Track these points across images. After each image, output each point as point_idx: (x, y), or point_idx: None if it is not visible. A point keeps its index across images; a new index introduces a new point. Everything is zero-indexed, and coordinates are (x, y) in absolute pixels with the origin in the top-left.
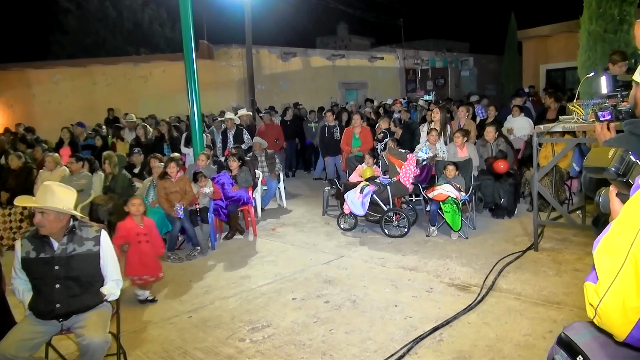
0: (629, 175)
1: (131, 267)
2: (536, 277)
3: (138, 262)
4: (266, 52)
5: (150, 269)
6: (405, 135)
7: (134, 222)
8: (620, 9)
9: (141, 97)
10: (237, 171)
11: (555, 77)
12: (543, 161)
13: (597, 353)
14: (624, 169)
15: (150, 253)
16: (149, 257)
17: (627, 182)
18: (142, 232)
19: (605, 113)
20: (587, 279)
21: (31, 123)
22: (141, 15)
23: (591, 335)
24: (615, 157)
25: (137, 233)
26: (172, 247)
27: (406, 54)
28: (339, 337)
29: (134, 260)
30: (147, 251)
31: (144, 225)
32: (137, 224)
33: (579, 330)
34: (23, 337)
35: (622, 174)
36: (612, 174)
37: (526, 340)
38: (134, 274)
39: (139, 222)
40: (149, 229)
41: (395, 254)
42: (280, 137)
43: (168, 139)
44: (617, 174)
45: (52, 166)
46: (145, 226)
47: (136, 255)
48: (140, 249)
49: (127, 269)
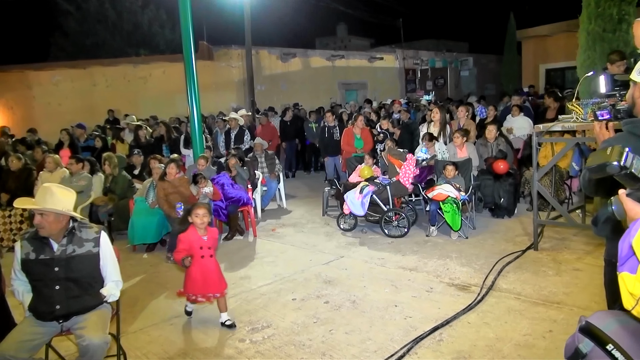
0: (630, 167)
1: (193, 285)
2: (536, 277)
3: (201, 280)
4: (266, 52)
5: (215, 285)
6: (404, 135)
7: (198, 234)
8: (619, 9)
9: (141, 98)
10: (236, 171)
11: (554, 76)
12: (543, 161)
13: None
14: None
15: (216, 268)
16: (214, 273)
17: (631, 174)
18: (207, 245)
19: (604, 112)
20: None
21: (31, 124)
22: (141, 17)
23: (619, 324)
24: (614, 153)
25: (201, 246)
26: (171, 248)
27: (406, 54)
28: (339, 338)
29: (197, 277)
30: (212, 267)
31: (208, 237)
32: (201, 236)
33: (604, 320)
34: (23, 338)
35: (624, 167)
36: (615, 168)
37: (526, 340)
38: (196, 292)
39: (204, 234)
40: (214, 241)
41: (395, 254)
42: (274, 138)
43: (167, 140)
44: (620, 167)
45: (52, 167)
46: (209, 238)
47: (199, 271)
48: (204, 265)
49: (188, 286)
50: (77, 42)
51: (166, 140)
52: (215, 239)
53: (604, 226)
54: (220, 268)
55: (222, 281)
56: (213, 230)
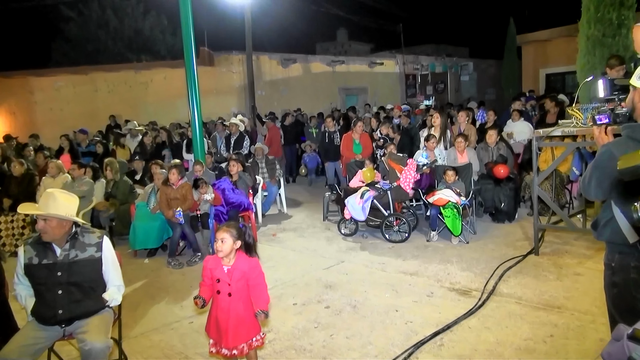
0: None
1: (209, 329)
2: (537, 281)
3: (214, 326)
4: (266, 58)
5: (234, 336)
6: (404, 140)
7: (220, 262)
8: (618, 13)
9: (142, 103)
10: (237, 176)
11: (554, 81)
12: (543, 165)
13: None
14: None
15: (236, 314)
16: (234, 319)
17: None
18: (226, 280)
19: (603, 117)
20: None
21: (33, 130)
22: (142, 23)
23: None
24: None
25: (219, 279)
26: (172, 252)
27: (406, 59)
28: (340, 342)
29: (211, 321)
30: (232, 311)
31: (232, 269)
32: (222, 265)
33: None
34: (25, 343)
35: None
36: None
37: (527, 345)
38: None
39: (227, 263)
40: (242, 275)
41: (396, 259)
42: (279, 142)
43: (169, 145)
44: None
45: (54, 172)
46: (234, 270)
47: (213, 314)
48: (218, 306)
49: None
50: (79, 47)
51: (168, 145)
52: (243, 274)
53: (604, 230)
54: (248, 313)
55: (246, 331)
56: (245, 260)
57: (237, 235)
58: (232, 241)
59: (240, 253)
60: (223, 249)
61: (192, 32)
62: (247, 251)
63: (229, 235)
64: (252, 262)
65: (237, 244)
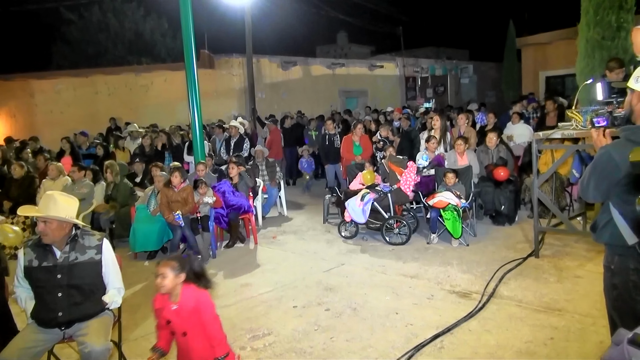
0: None
1: None
2: (537, 284)
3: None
4: (267, 61)
5: None
6: (405, 143)
7: (168, 301)
8: (617, 16)
9: (143, 106)
10: (237, 178)
11: (554, 83)
12: (543, 168)
13: None
14: None
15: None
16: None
17: None
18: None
19: (601, 119)
20: None
21: (34, 132)
22: (143, 26)
23: None
24: None
25: (168, 320)
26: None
27: (406, 62)
28: (340, 345)
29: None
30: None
31: (179, 304)
32: (170, 303)
33: None
34: (25, 345)
35: None
36: None
37: (527, 347)
38: None
39: (175, 300)
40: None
41: (396, 262)
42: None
43: (169, 148)
44: None
45: (55, 175)
46: (182, 307)
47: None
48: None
49: None
50: (80, 50)
51: (168, 147)
52: (192, 310)
53: (603, 232)
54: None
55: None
56: (192, 295)
57: (179, 267)
58: (173, 275)
59: (188, 287)
60: (164, 285)
61: (192, 34)
62: (198, 281)
63: (169, 269)
64: (200, 296)
65: (180, 278)
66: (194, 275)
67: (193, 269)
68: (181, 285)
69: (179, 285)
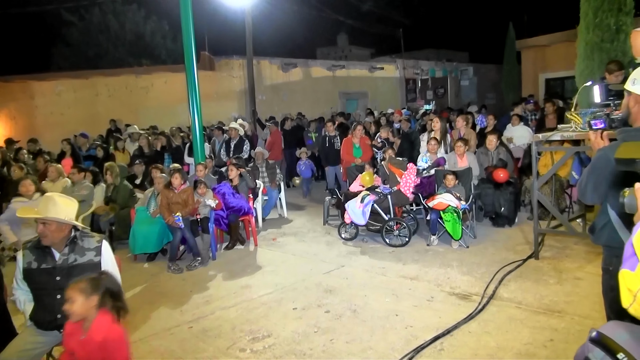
0: None
1: None
2: (537, 286)
3: None
4: (267, 62)
5: None
6: (405, 144)
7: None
8: (616, 19)
9: (143, 108)
10: (237, 180)
11: (554, 85)
12: (543, 169)
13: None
14: None
15: None
16: None
17: None
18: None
19: (598, 122)
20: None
21: (34, 134)
22: (143, 27)
23: (630, 335)
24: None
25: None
26: (172, 257)
27: (406, 64)
28: (340, 347)
29: None
30: None
31: (87, 336)
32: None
33: (615, 330)
34: (24, 348)
35: None
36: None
37: (527, 349)
38: None
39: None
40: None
41: (396, 263)
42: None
43: (168, 150)
44: None
45: (54, 176)
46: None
47: None
48: None
49: None
50: (80, 52)
51: (168, 149)
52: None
53: (601, 234)
54: None
55: None
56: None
57: (89, 289)
58: (82, 299)
59: (103, 318)
60: (72, 311)
61: (192, 36)
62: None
63: (78, 292)
64: (111, 332)
65: (91, 301)
66: (111, 296)
67: (109, 288)
68: (96, 311)
69: (92, 310)
